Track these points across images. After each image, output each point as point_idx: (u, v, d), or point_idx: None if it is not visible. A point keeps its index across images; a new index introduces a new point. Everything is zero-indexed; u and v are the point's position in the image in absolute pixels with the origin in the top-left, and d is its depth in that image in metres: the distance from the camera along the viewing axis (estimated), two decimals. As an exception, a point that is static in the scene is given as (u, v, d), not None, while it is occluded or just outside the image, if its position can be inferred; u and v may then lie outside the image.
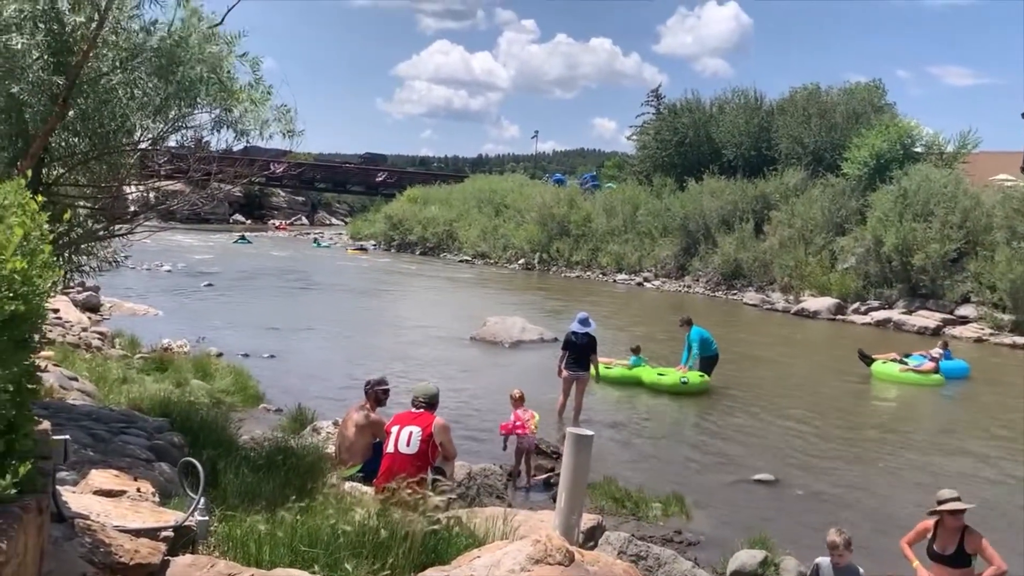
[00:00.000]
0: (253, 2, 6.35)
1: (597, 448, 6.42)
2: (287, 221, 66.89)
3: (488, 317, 18.44)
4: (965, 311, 22.90)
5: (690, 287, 30.85)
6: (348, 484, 6.25)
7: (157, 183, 7.60)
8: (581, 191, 40.30)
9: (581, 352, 11.39)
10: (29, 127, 5.59)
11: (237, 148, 6.72)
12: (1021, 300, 21.37)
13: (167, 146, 6.84)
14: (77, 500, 3.86)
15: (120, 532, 3.56)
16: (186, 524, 3.91)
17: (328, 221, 73.87)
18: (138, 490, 4.42)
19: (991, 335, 21.39)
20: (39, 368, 2.88)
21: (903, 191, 25.41)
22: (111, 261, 7.26)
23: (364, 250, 44.45)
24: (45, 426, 2.98)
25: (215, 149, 6.63)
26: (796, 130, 32.97)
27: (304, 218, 71.87)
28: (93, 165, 6.41)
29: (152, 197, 7.53)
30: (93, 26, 5.39)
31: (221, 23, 6.02)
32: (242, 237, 44.97)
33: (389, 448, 6.28)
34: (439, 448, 6.34)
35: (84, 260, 6.84)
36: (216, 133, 6.24)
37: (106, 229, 6.73)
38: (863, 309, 24.49)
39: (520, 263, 37.43)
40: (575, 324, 11.62)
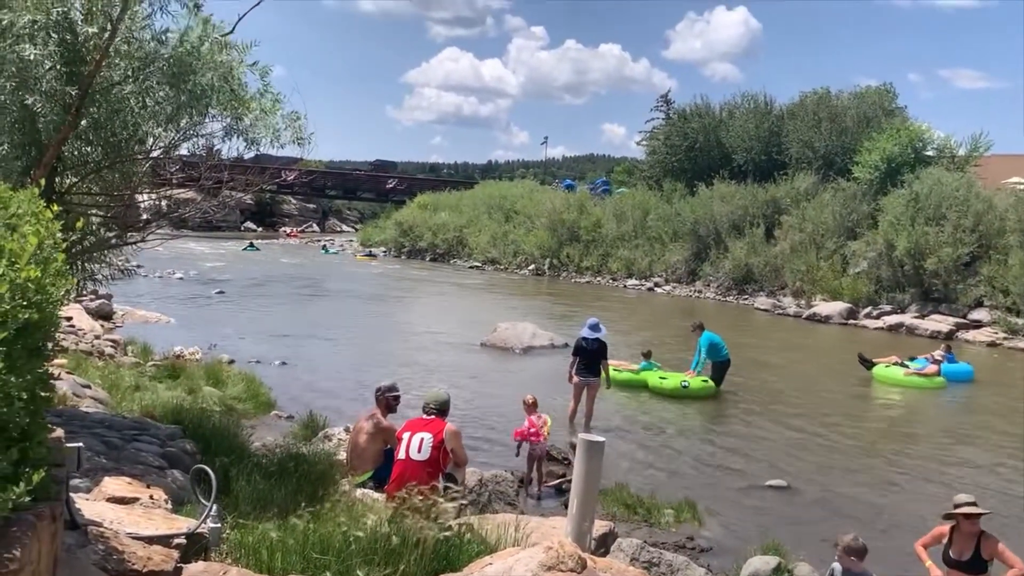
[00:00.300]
0: (264, 11, 6.38)
1: (608, 454, 6.40)
2: (298, 228, 67.12)
3: (498, 323, 18.44)
4: (978, 315, 22.77)
5: (701, 292, 30.78)
6: (359, 491, 6.25)
7: (169, 191, 7.63)
8: (592, 196, 40.25)
9: (592, 358, 11.37)
10: (42, 136, 5.63)
11: (248, 156, 6.76)
12: (1035, 304, 21.30)
13: (179, 154, 6.88)
14: (90, 507, 3.87)
15: (133, 539, 3.57)
16: (198, 531, 3.91)
17: (339, 228, 74.11)
18: (151, 497, 4.43)
19: (1005, 339, 21.26)
20: (52, 376, 2.89)
21: (915, 195, 25.32)
22: (123, 269, 7.30)
23: (373, 256, 44.85)
24: (58, 434, 2.99)
25: (226, 157, 6.66)
26: (806, 134, 32.90)
27: (315, 225, 72.12)
28: (106, 174, 6.44)
29: (164, 205, 7.57)
30: (105, 36, 5.42)
31: (232, 32, 6.06)
32: (250, 244, 45.58)
33: (400, 455, 6.29)
34: (450, 454, 6.35)
35: (97, 268, 6.87)
36: (227, 141, 6.28)
37: (119, 237, 6.77)
38: (875, 314, 24.38)
39: (530, 269, 37.42)
40: (585, 330, 11.59)
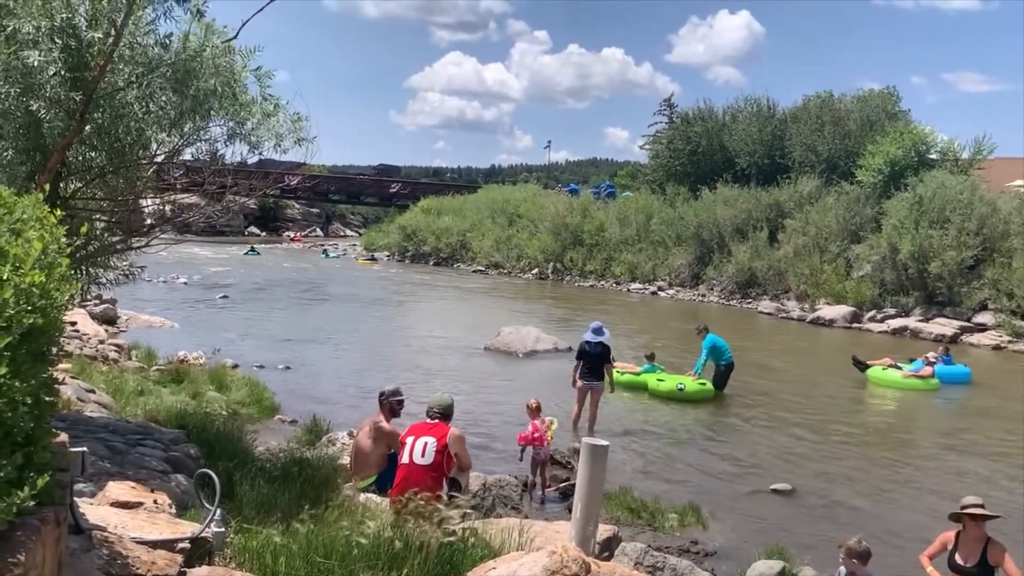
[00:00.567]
0: (267, 17, 6.40)
1: (612, 458, 6.40)
2: (302, 233, 67.25)
3: (502, 327, 18.43)
4: (983, 318, 22.71)
5: (704, 296, 30.74)
6: (363, 495, 6.24)
7: (173, 196, 7.65)
8: (595, 200, 40.26)
9: (595, 362, 11.36)
10: (47, 142, 5.64)
11: (252, 161, 6.77)
12: (1040, 307, 21.24)
13: (183, 159, 6.89)
14: (94, 512, 3.87)
15: (137, 544, 3.57)
16: (202, 536, 3.91)
17: (342, 232, 74.19)
18: (155, 502, 4.43)
19: (1009, 342, 21.20)
20: (57, 380, 2.89)
21: (918, 198, 25.27)
22: (127, 274, 7.31)
23: (374, 260, 45.11)
24: (63, 438, 2.99)
25: (230, 162, 6.67)
26: (810, 138, 32.88)
27: (319, 230, 72.24)
28: (110, 179, 6.46)
29: (168, 210, 7.58)
30: (109, 41, 5.44)
31: (235, 37, 6.07)
32: (252, 249, 46.04)
33: (404, 459, 6.28)
34: (454, 459, 6.33)
35: (101, 273, 6.88)
36: (230, 145, 6.29)
37: (123, 242, 6.79)
38: (879, 317, 24.32)
39: (534, 273, 37.42)
40: (589, 334, 11.58)
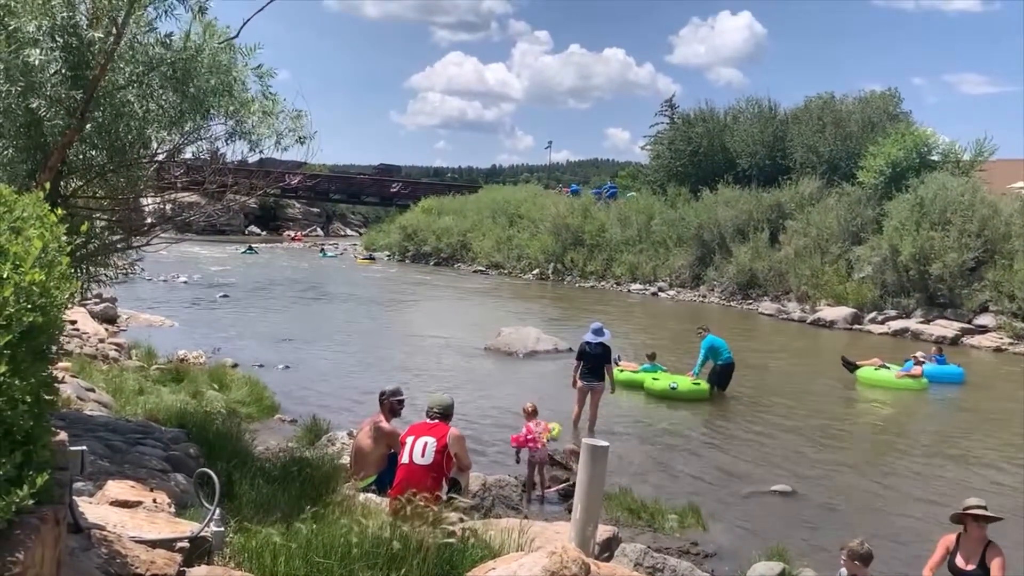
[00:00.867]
0: (268, 17, 6.40)
1: (612, 459, 6.39)
2: (302, 232, 67.25)
3: (502, 327, 18.43)
4: (984, 320, 22.68)
5: (705, 297, 30.73)
6: (363, 495, 6.24)
7: (173, 195, 7.65)
8: (596, 200, 40.24)
9: (596, 362, 11.35)
10: (47, 140, 5.64)
11: (252, 160, 6.77)
12: (1041, 309, 21.21)
13: (183, 158, 6.89)
14: (94, 511, 3.86)
15: (136, 543, 3.57)
16: (202, 535, 3.91)
17: (343, 232, 74.19)
18: (154, 501, 4.42)
19: (1010, 344, 21.18)
20: (56, 379, 2.88)
21: (920, 200, 25.26)
22: (127, 272, 7.31)
23: (372, 259, 45.36)
24: (62, 437, 2.99)
25: (230, 161, 6.67)
26: (811, 139, 32.86)
27: (319, 229, 72.22)
28: (110, 177, 6.46)
29: (168, 209, 7.58)
30: (110, 40, 5.44)
31: (236, 36, 6.07)
32: (249, 248, 46.21)
33: (404, 459, 6.27)
34: (454, 459, 6.33)
35: (101, 271, 6.88)
36: (230, 144, 6.29)
37: (123, 241, 6.79)
38: (880, 318, 24.29)
39: (534, 273, 37.41)
40: (589, 334, 11.58)
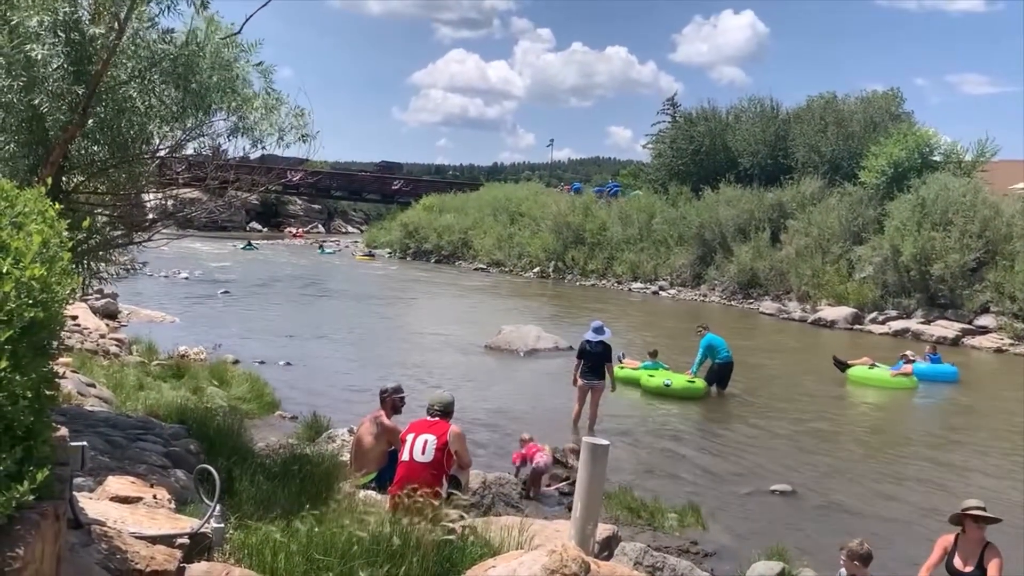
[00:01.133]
0: (270, 14, 6.38)
1: (612, 457, 6.38)
2: (303, 229, 67.24)
3: (503, 325, 18.42)
4: (984, 321, 22.67)
5: (706, 296, 30.72)
6: (363, 492, 6.24)
7: (175, 191, 7.64)
8: (598, 199, 40.24)
9: (596, 361, 11.34)
10: (49, 135, 5.64)
11: (254, 156, 6.77)
12: (1042, 310, 21.20)
13: (185, 154, 6.89)
14: (94, 506, 3.87)
15: (136, 539, 3.57)
16: (202, 531, 3.91)
17: (344, 229, 74.21)
18: (154, 497, 4.43)
19: (1011, 345, 21.17)
20: (57, 374, 2.88)
21: (921, 200, 25.26)
22: (128, 268, 7.31)
23: (372, 256, 45.50)
24: (63, 432, 2.99)
25: (232, 157, 6.67)
26: (813, 139, 32.86)
27: (320, 226, 72.23)
28: (112, 173, 6.46)
29: (170, 205, 7.58)
30: (112, 36, 5.43)
31: (239, 32, 6.06)
32: (248, 243, 46.41)
33: (404, 456, 6.27)
34: (454, 456, 6.32)
35: (103, 267, 6.88)
36: (232, 140, 6.30)
37: (125, 236, 6.79)
38: (881, 319, 24.29)
39: (535, 271, 37.40)
40: (589, 332, 11.57)
